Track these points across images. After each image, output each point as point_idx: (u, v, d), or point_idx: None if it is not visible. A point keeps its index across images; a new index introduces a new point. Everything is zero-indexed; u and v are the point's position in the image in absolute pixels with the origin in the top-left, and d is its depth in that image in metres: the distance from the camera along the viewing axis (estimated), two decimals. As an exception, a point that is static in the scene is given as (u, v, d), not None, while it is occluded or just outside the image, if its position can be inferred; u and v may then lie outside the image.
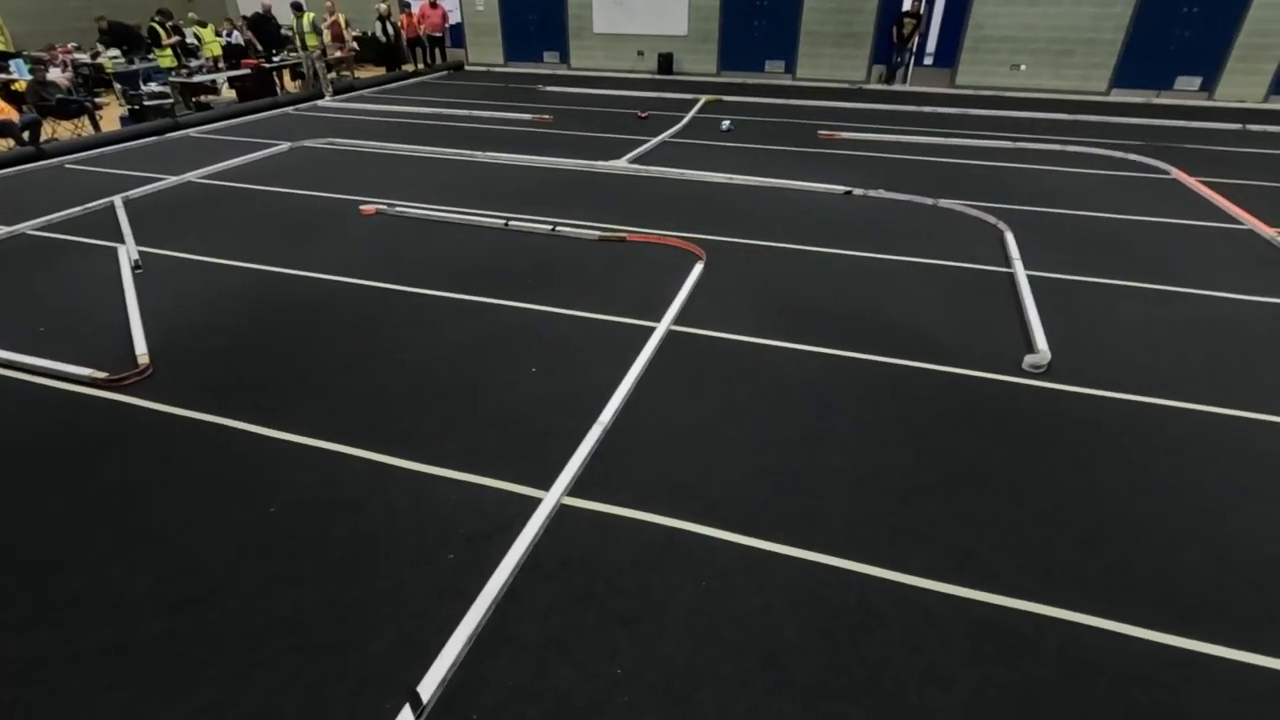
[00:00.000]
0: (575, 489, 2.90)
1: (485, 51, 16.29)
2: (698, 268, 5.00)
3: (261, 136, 9.14)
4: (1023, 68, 12.76)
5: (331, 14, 13.96)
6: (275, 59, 12.96)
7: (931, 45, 13.47)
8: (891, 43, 13.07)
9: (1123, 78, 12.37)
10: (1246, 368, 3.85)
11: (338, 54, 13.93)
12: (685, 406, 3.47)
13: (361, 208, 6.23)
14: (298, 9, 13.03)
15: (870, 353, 3.96)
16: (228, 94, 12.20)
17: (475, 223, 5.94)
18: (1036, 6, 12.22)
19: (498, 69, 16.09)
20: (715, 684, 2.10)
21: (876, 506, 2.83)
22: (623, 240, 5.57)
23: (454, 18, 15.86)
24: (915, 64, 13.45)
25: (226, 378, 3.68)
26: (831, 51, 13.73)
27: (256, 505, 2.79)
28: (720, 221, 6.02)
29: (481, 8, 15.85)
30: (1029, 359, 3.80)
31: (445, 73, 15.32)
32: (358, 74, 14.54)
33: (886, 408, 3.47)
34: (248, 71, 12.03)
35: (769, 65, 14.30)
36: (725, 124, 8.79)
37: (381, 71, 14.94)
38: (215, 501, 2.81)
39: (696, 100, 11.71)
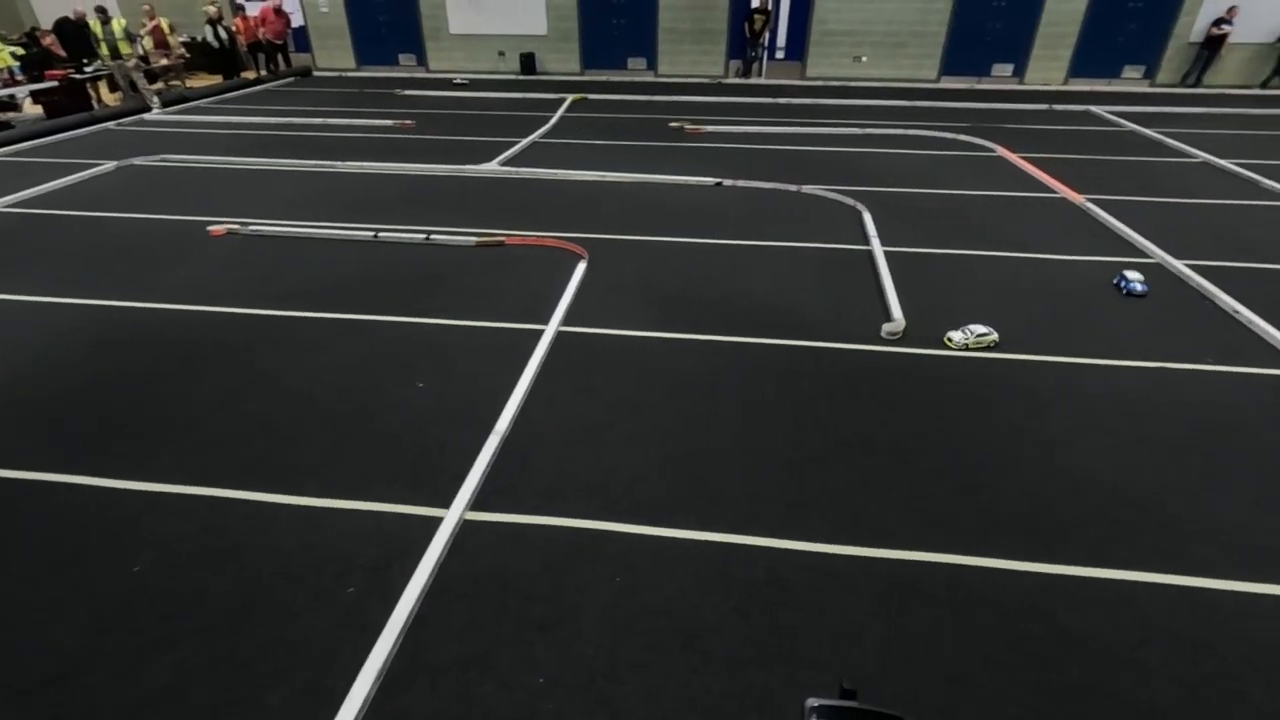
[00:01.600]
0: (478, 502, 2.83)
1: (334, 55, 15.41)
2: (580, 267, 5.00)
3: (80, 156, 8.16)
4: (864, 59, 13.73)
5: (151, 19, 12.68)
6: (89, 69, 11.59)
7: (782, 40, 14.19)
8: (745, 38, 13.65)
9: (949, 66, 13.61)
10: (1072, 319, 4.37)
11: (163, 62, 12.68)
12: (581, 406, 3.47)
13: (210, 229, 5.73)
14: (102, 14, 11.70)
15: (750, 335, 4.13)
16: (32, 110, 10.80)
17: (342, 237, 5.62)
18: (872, 2, 13.18)
19: (350, 74, 15.27)
20: (638, 675, 2.13)
21: (772, 481, 2.97)
22: (501, 244, 5.47)
23: (296, 20, 14.85)
24: (768, 58, 14.12)
25: (71, 429, 3.27)
26: (690, 48, 14.13)
27: (118, 568, 2.50)
28: (598, 219, 6.05)
29: (326, 9, 14.96)
30: (886, 327, 4.12)
31: (292, 79, 14.35)
32: (189, 83, 13.31)
33: (769, 386, 3.64)
34: (55, 84, 10.69)
35: (631, 62, 14.51)
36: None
37: (217, 80, 13.76)
38: (65, 570, 2.50)
39: (563, 100, 11.69)
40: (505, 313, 4.39)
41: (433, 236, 5.54)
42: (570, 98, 11.79)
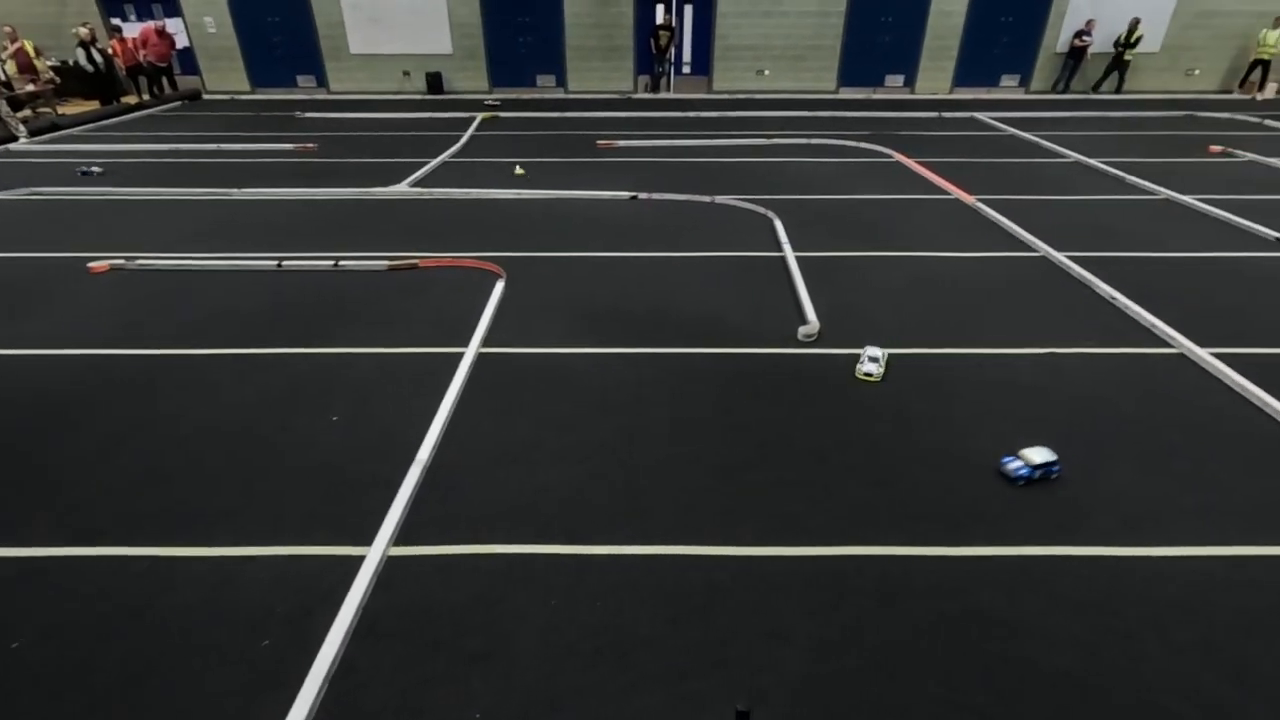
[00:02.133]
0: (402, 536, 2.72)
1: (226, 77, 14.69)
2: (499, 286, 4.93)
3: (-66, 193, 7.42)
4: (766, 72, 14.24)
5: (14, 41, 11.72)
6: (-59, 97, 10.56)
7: (688, 55, 14.54)
8: (651, 54, 13.90)
9: (846, 77, 14.29)
10: (969, 312, 4.64)
11: (30, 88, 11.73)
12: (506, 428, 3.41)
13: (90, 265, 5.31)
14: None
15: (673, 346, 4.18)
16: (-126, 144, 9.76)
17: (243, 268, 5.33)
18: (770, 18, 13.70)
19: (244, 97, 14.58)
20: (576, 698, 2.09)
21: (702, 489, 3.00)
22: (415, 267, 5.33)
23: (181, 41, 14.06)
24: (676, 73, 14.43)
25: (-75, 496, 2.94)
26: (599, 64, 14.27)
27: (-6, 644, 2.26)
28: (515, 237, 6.00)
29: (213, 29, 14.25)
30: (802, 330, 4.26)
31: (179, 104, 13.57)
32: (61, 110, 12.36)
33: (693, 395, 3.69)
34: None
35: (540, 80, 14.51)
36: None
37: (94, 106, 12.84)
38: (-69, 653, 2.23)
39: (473, 118, 11.55)
40: (422, 337, 4.27)
41: (341, 263, 5.34)
42: (480, 116, 11.67)
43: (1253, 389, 3.65)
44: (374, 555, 2.59)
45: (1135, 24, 13.06)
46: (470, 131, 10.49)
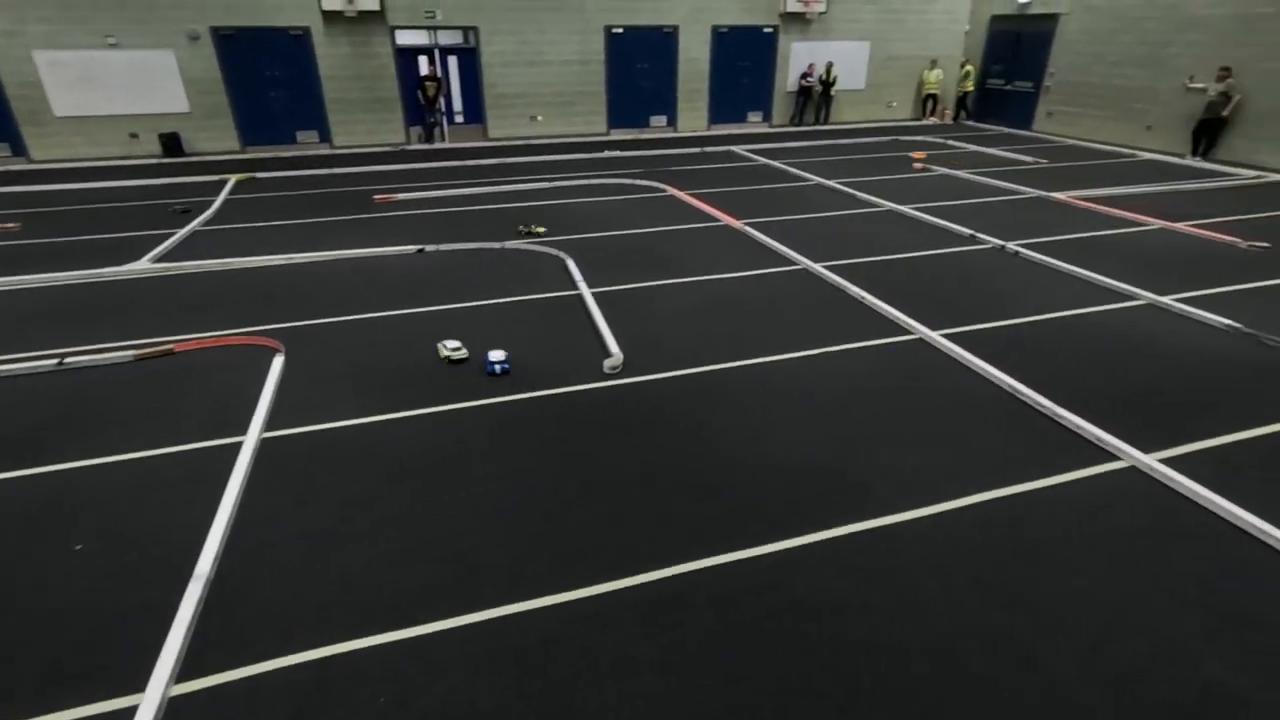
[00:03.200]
0: (186, 670, 2.32)
1: (-124, 151, 11.82)
2: (277, 361, 4.47)
3: None
4: (539, 118, 14.64)
5: None
6: None
7: (459, 104, 14.49)
8: (420, 105, 13.65)
9: (615, 120, 15.15)
10: (750, 325, 5.09)
11: None
12: (303, 517, 3.07)
13: None
14: None
15: (481, 397, 4.08)
16: None
17: (-77, 383, 4.28)
18: (535, 67, 14.15)
19: (-92, 172, 11.83)
20: (424, 799, 1.91)
21: (531, 539, 2.93)
22: (170, 353, 4.66)
23: None
24: (449, 122, 14.30)
25: None
26: (365, 117, 13.69)
27: None
28: (292, 306, 5.49)
29: None
30: (607, 363, 4.39)
31: None
32: None
33: (510, 444, 3.62)
34: None
35: (301, 136, 13.56)
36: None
37: None
38: None
39: (225, 181, 10.46)
40: (187, 433, 3.72)
41: (68, 360, 4.50)
42: (234, 178, 10.60)
43: (977, 361, 4.42)
44: (150, 702, 2.17)
45: (830, 66, 15.52)
46: (224, 195, 9.48)
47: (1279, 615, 2.53)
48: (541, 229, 6.28)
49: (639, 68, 14.90)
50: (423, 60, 13.83)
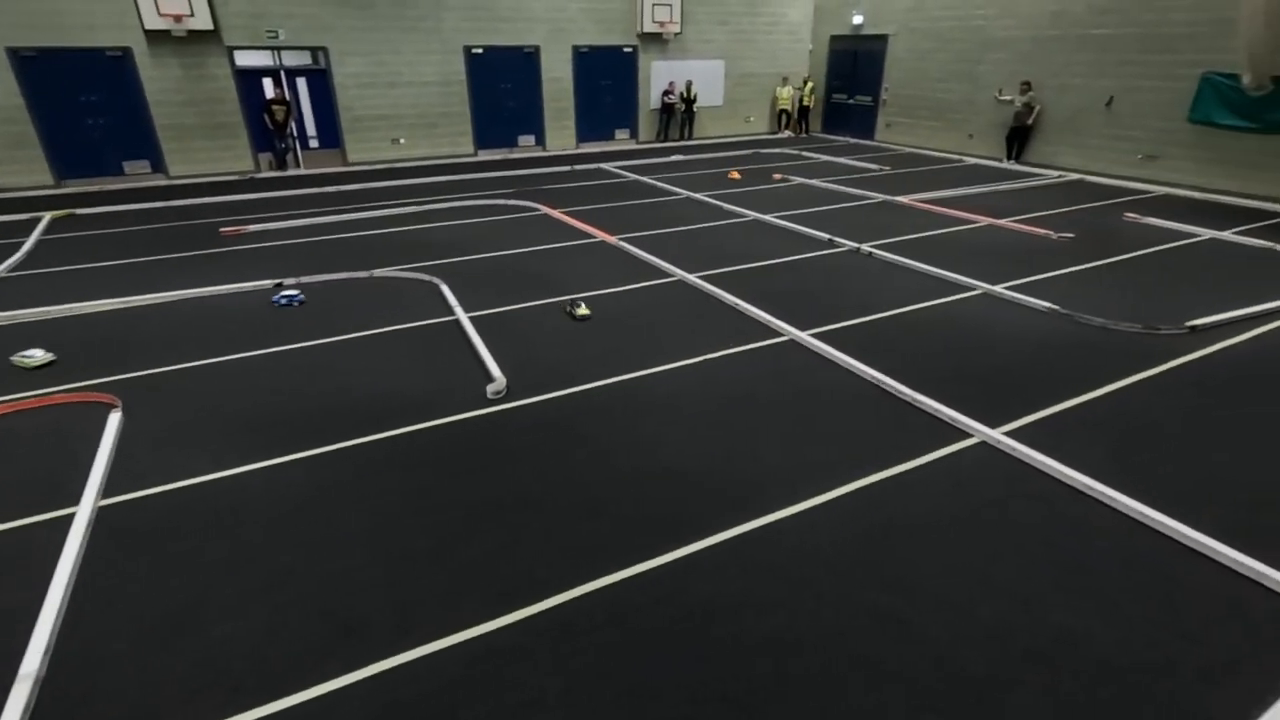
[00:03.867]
0: (14, 788, 2.00)
1: None
2: (114, 418, 4.00)
3: None
4: (403, 140, 14.15)
5: None
6: None
7: (312, 129, 13.71)
8: (269, 129, 12.79)
9: (483, 140, 14.94)
10: (630, 340, 5.16)
11: None
12: (154, 591, 2.75)
13: None
14: None
15: (356, 436, 3.85)
16: None
17: None
18: (395, 89, 13.67)
19: None
20: None
21: (418, 581, 2.79)
22: (-24, 421, 4.04)
23: None
24: (303, 147, 13.49)
25: None
26: (206, 144, 12.63)
27: None
28: (129, 355, 4.94)
29: None
30: (490, 388, 4.29)
31: None
32: None
33: (391, 482, 3.44)
34: None
35: (130, 166, 12.29)
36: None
37: None
38: None
39: (38, 219, 9.27)
40: (6, 509, 3.24)
41: None
42: (48, 216, 9.42)
43: (843, 357, 4.71)
44: (-32, 834, 1.85)
45: (689, 84, 16.22)
46: (36, 235, 8.39)
47: (1107, 561, 2.87)
48: (585, 311, 5.46)
49: (503, 88, 14.80)
50: (268, 82, 12.99)
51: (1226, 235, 7.87)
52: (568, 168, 13.14)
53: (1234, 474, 3.44)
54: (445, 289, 6.14)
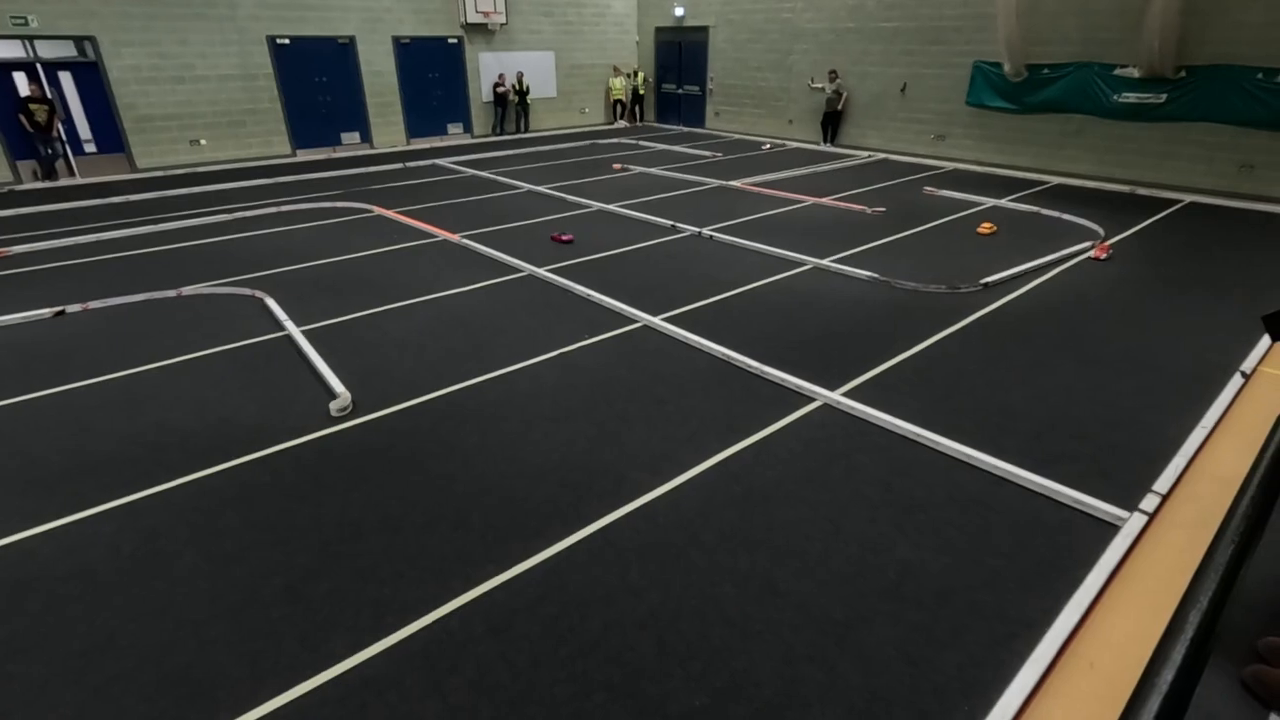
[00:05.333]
0: None
1: None
2: None
3: None
4: (203, 142, 12.69)
5: None
6: None
7: (86, 131, 11.89)
8: (28, 133, 10.93)
9: (300, 139, 13.75)
10: (484, 340, 5.02)
11: None
12: (-70, 691, 2.29)
13: None
14: None
15: (177, 477, 3.43)
16: None
17: None
18: (186, 84, 12.19)
19: None
20: None
21: (270, 626, 2.54)
22: None
23: None
24: (75, 152, 11.68)
25: None
26: (-59, 152, 10.55)
27: None
28: None
29: None
30: (333, 405, 3.99)
31: None
32: None
33: (227, 522, 3.11)
34: None
35: None
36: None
37: None
38: None
39: None
40: None
41: None
42: None
43: (694, 337, 4.89)
44: None
45: (520, 76, 15.98)
46: None
47: (936, 496, 3.23)
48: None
49: (318, 81, 13.71)
50: (20, 78, 11.09)
51: (1005, 203, 9.09)
52: (400, 165, 12.48)
53: (1024, 407, 4.00)
54: (271, 302, 5.61)
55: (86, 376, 4.48)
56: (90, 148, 12.01)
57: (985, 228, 7.70)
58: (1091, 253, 6.80)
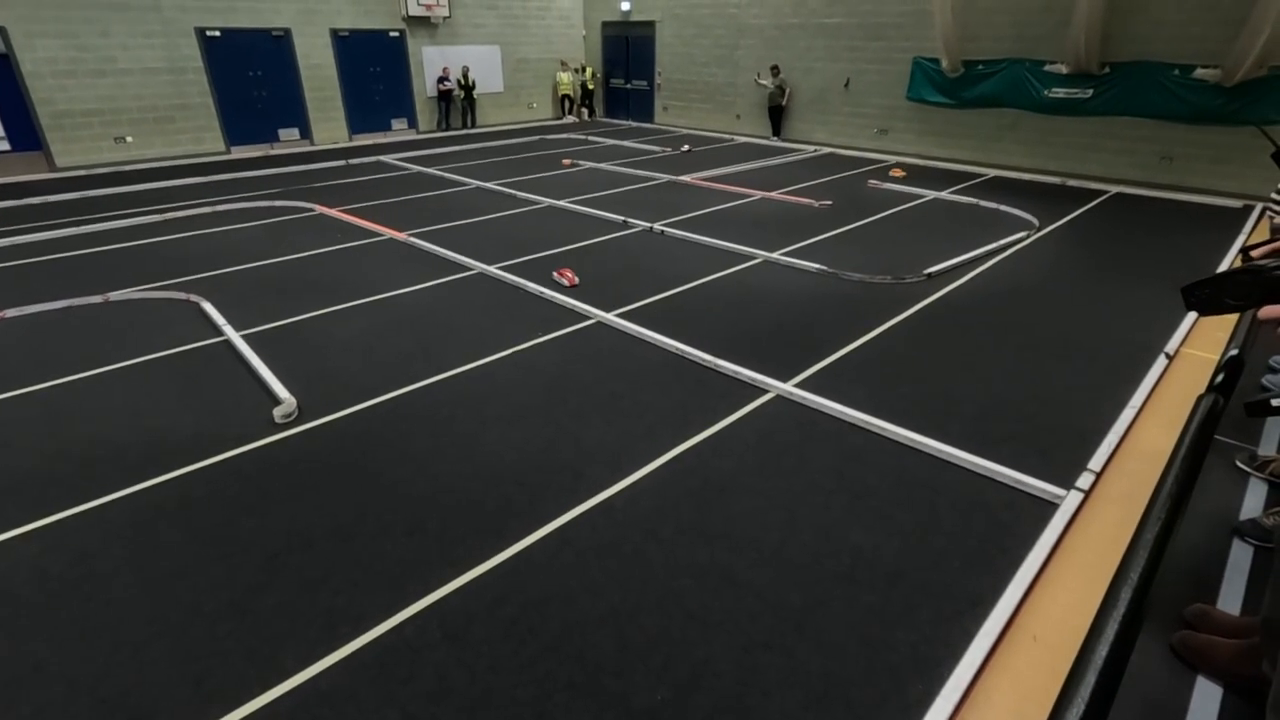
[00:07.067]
0: None
1: None
2: None
3: None
4: (129, 139, 12.07)
5: None
6: None
7: (-2, 128, 11.18)
8: (-67, 131, 10.21)
9: (236, 136, 13.21)
10: (435, 339, 4.92)
11: None
12: None
13: None
14: None
15: (107, 494, 3.26)
16: None
17: None
18: (107, 77, 11.56)
19: None
20: None
21: (215, 644, 2.44)
22: None
23: None
24: (-13, 152, 10.96)
25: None
26: None
27: None
28: None
29: None
30: (277, 411, 3.86)
31: None
32: None
33: (166, 538, 2.97)
34: None
35: None
36: None
37: None
38: None
39: None
40: None
41: None
42: None
43: (648, 333, 4.89)
44: None
45: (465, 70, 15.70)
46: None
47: (884, 481, 3.31)
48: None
49: (253, 75, 13.19)
50: (-78, 72, 10.36)
51: (945, 195, 9.37)
52: (342, 162, 12.12)
53: (965, 392, 4.14)
54: (208, 306, 5.38)
55: (3, 390, 4.22)
56: (3, 145, 11.31)
57: (895, 172, 8.21)
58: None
